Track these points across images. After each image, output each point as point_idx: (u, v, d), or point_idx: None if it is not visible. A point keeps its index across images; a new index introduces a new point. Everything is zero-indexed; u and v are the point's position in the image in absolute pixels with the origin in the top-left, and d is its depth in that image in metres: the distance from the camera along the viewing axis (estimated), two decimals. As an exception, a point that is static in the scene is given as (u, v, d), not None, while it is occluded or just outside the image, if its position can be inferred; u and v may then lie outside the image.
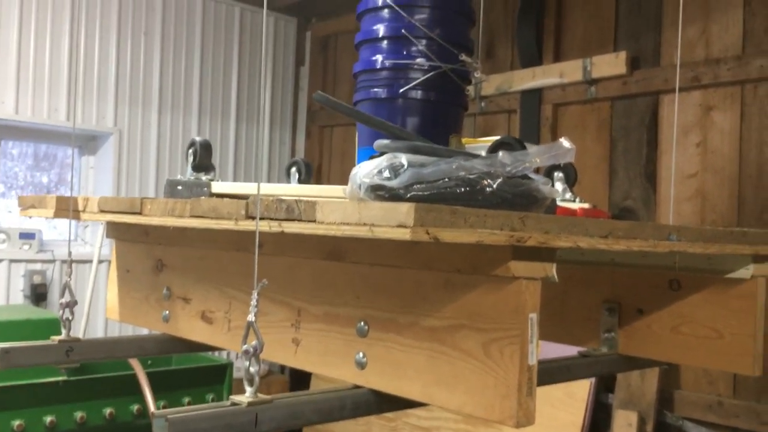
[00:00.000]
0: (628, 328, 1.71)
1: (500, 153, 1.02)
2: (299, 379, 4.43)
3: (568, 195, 1.71)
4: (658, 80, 3.26)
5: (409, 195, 0.95)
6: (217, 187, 1.54)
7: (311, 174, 2.05)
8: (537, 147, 1.06)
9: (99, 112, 4.16)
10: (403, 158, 0.99)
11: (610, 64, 3.41)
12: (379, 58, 2.17)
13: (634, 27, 3.41)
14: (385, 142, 1.06)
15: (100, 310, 3.88)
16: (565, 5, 3.69)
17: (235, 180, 4.74)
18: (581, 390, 3.22)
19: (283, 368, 4.74)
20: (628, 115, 3.42)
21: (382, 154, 1.11)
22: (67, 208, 1.51)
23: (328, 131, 4.98)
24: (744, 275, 1.48)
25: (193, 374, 2.82)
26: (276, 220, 1.05)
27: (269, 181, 4.95)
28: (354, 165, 1.98)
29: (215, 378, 2.82)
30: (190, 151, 1.57)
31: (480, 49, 4.07)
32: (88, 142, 4.34)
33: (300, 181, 2.03)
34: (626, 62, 3.34)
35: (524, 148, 1.50)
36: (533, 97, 3.74)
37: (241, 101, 4.79)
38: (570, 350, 1.86)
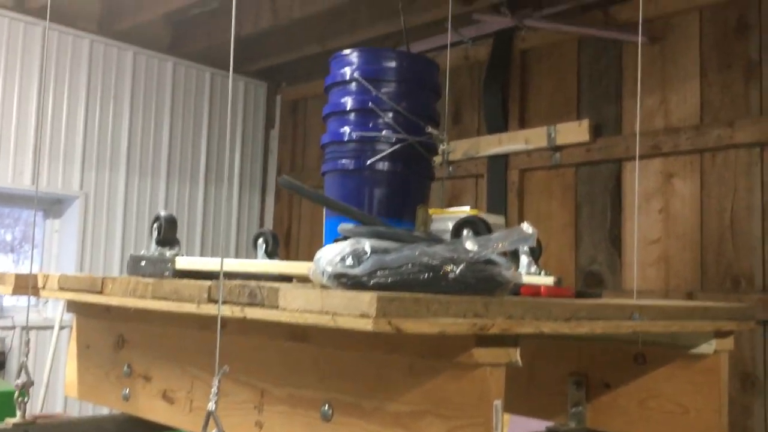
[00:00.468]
0: (596, 402, 1.71)
1: (463, 238, 1.03)
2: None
3: (534, 269, 1.72)
4: (620, 148, 3.34)
5: (372, 282, 0.95)
6: (182, 262, 1.52)
7: (278, 245, 2.04)
8: (499, 232, 1.07)
9: (65, 175, 4.12)
10: (366, 244, 0.99)
11: (574, 131, 3.49)
12: (346, 130, 2.19)
13: (596, 96, 3.51)
14: (349, 226, 1.07)
15: (61, 382, 3.77)
16: (529, 74, 3.79)
17: (202, 243, 4.70)
18: (552, 458, 3.17)
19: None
20: (592, 181, 3.48)
21: (346, 237, 1.11)
22: (26, 285, 1.48)
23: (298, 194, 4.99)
24: (707, 350, 1.50)
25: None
26: (239, 304, 1.04)
27: (237, 246, 4.92)
28: (322, 229, 1.98)
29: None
30: (155, 225, 1.56)
31: (447, 114, 4.15)
32: (53, 206, 4.28)
33: (267, 253, 2.01)
34: (589, 130, 3.42)
35: (487, 226, 1.52)
36: (500, 162, 3.80)
37: (210, 164, 4.80)
38: (538, 424, 1.85)
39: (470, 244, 1.01)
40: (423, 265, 0.98)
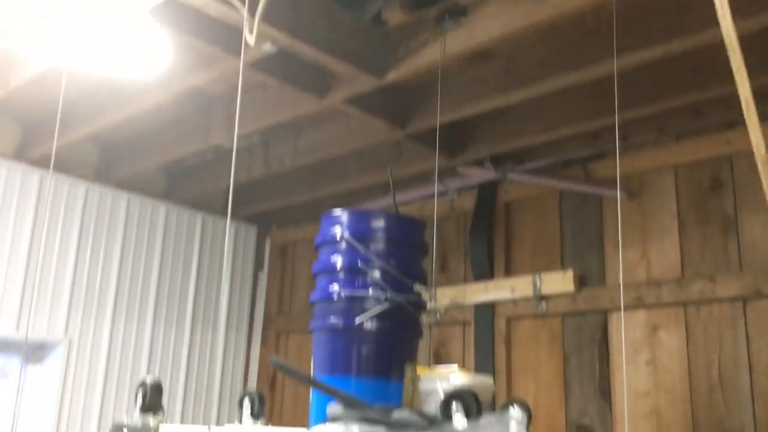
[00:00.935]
0: None
1: (453, 422, 1.03)
2: None
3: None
4: (604, 299, 3.38)
5: (360, 473, 0.95)
6: (166, 430, 1.50)
7: (264, 405, 2.02)
8: (489, 417, 1.08)
9: (50, 321, 4.09)
10: (356, 429, 0.99)
11: (559, 281, 3.54)
12: (335, 288, 2.23)
13: (579, 247, 3.60)
14: (338, 410, 1.07)
15: None
16: (513, 224, 3.90)
17: (186, 387, 4.60)
18: None
19: None
20: (579, 331, 3.50)
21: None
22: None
23: (284, 337, 4.95)
24: None
25: None
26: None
27: (221, 393, 4.81)
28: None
29: None
30: (139, 391, 1.55)
31: (434, 262, 4.22)
32: (34, 351, 4.21)
33: (252, 414, 1.99)
34: (574, 280, 3.48)
35: (476, 400, 1.52)
36: (486, 310, 3.82)
37: (198, 307, 4.78)
38: None
39: (459, 428, 1.01)
40: (411, 454, 0.98)
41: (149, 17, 2.44)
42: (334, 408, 1.08)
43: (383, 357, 2.29)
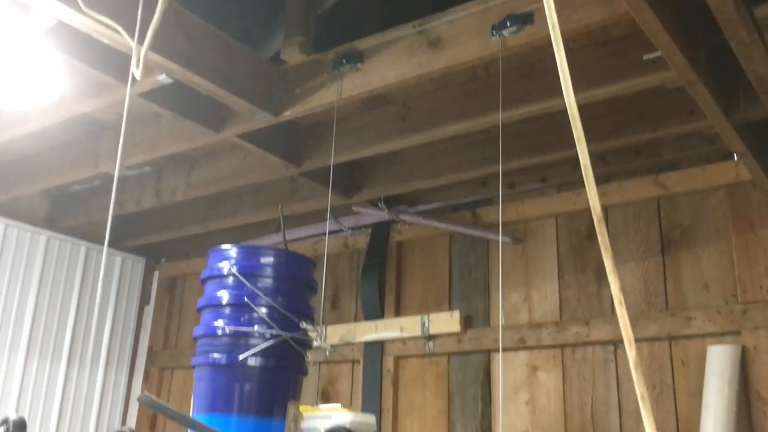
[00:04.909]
0: None
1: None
2: None
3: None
4: (488, 339, 3.49)
5: None
6: (28, 472, 1.42)
7: (138, 445, 1.95)
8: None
9: None
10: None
11: (446, 321, 3.63)
12: (220, 323, 2.20)
13: (466, 288, 3.70)
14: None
15: None
16: (405, 264, 3.97)
17: (57, 429, 4.35)
18: None
19: None
20: (464, 370, 3.58)
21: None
22: None
23: (168, 373, 4.79)
24: None
25: None
26: None
27: (98, 429, 4.58)
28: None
29: None
30: (1, 429, 1.47)
31: (326, 299, 4.23)
32: None
33: (125, 455, 1.92)
34: (460, 321, 3.57)
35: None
36: (376, 348, 3.85)
37: (76, 341, 4.56)
38: None
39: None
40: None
41: (40, 41, 2.38)
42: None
43: (266, 395, 2.27)
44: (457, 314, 3.60)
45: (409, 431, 3.64)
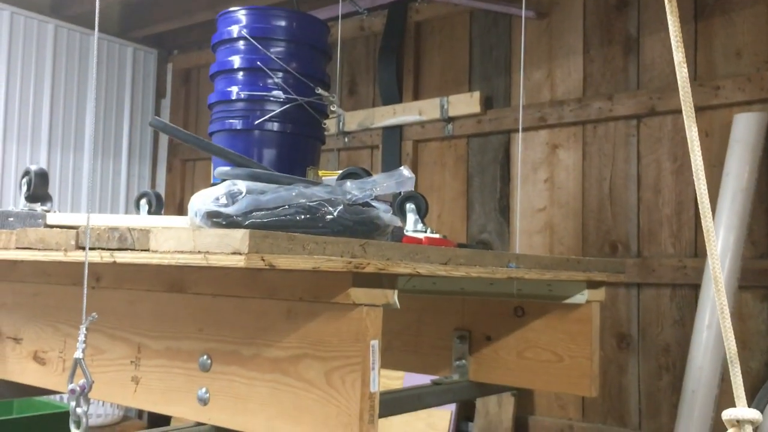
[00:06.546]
0: (478, 355, 1.76)
1: (342, 181, 1.03)
2: (158, 424, 4.21)
3: (420, 226, 1.74)
4: (509, 120, 3.43)
5: (247, 222, 0.94)
6: (53, 218, 1.45)
7: (162, 205, 1.99)
8: (378, 175, 1.08)
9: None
10: (242, 185, 0.97)
11: (466, 103, 3.56)
12: (234, 89, 2.15)
13: (487, 69, 3.59)
14: (225, 169, 1.04)
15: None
16: (423, 46, 3.83)
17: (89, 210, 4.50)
18: (442, 420, 3.27)
19: (141, 413, 4.50)
20: (483, 152, 3.57)
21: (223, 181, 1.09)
22: None
23: (191, 165, 4.86)
24: (579, 300, 1.57)
25: (35, 423, 2.61)
26: (108, 249, 1.00)
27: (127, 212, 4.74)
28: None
29: (59, 426, 2.63)
30: (24, 180, 1.47)
31: (343, 86, 4.14)
32: None
33: (150, 214, 1.95)
34: (480, 102, 3.50)
35: (369, 174, 1.53)
36: (394, 133, 3.83)
37: (97, 134, 4.59)
38: (425, 379, 1.89)
39: (349, 186, 1.01)
40: (300, 206, 0.97)
41: None
42: (222, 168, 1.05)
43: (284, 160, 2.26)
44: (477, 95, 3.52)
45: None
